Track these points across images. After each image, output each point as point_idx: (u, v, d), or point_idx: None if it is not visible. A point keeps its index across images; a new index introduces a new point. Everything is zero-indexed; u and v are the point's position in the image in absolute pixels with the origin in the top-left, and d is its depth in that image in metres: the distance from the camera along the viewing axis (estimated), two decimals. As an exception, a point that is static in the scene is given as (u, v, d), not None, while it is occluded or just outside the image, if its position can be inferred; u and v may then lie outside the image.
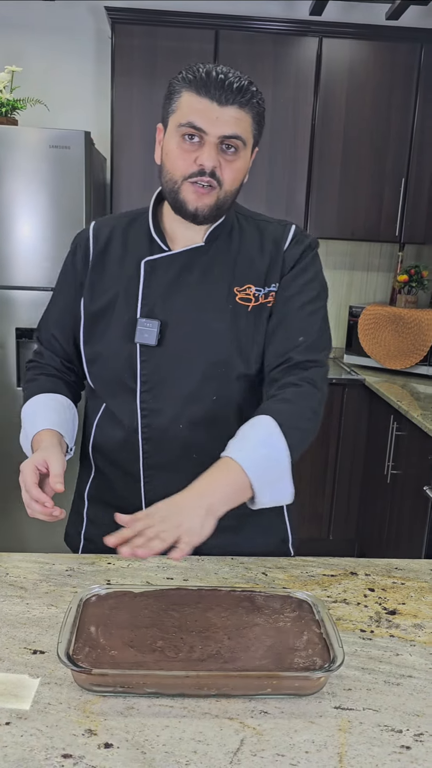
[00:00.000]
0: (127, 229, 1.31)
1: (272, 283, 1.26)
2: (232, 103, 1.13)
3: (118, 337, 1.26)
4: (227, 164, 1.17)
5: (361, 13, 3.42)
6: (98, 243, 1.31)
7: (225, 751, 0.78)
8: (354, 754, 0.79)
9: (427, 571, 1.25)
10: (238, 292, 1.25)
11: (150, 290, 1.25)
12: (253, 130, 1.19)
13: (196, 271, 1.25)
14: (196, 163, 1.15)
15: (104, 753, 0.77)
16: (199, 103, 1.13)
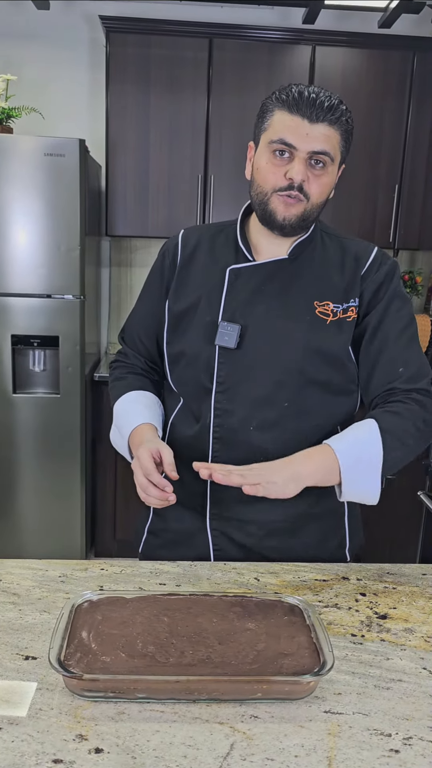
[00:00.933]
0: (215, 238, 1.37)
1: (351, 298, 1.31)
2: (322, 120, 1.19)
3: (198, 338, 1.31)
4: (315, 178, 1.22)
5: (353, 21, 3.45)
6: (186, 249, 1.38)
7: (215, 756, 0.78)
8: (343, 758, 0.79)
9: (419, 576, 1.26)
10: (317, 306, 1.29)
11: (232, 296, 1.30)
12: (341, 147, 1.24)
13: (278, 282, 1.30)
14: (286, 177, 1.21)
15: (95, 758, 0.77)
16: (291, 121, 1.19)
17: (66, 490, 3.12)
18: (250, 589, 1.18)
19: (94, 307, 3.43)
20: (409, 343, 1.31)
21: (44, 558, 1.26)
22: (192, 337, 1.32)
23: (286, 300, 1.29)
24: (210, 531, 1.35)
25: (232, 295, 1.30)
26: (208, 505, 1.34)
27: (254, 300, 1.29)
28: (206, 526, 1.35)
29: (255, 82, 3.22)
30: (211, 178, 3.30)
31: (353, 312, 1.30)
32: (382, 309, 1.30)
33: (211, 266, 1.34)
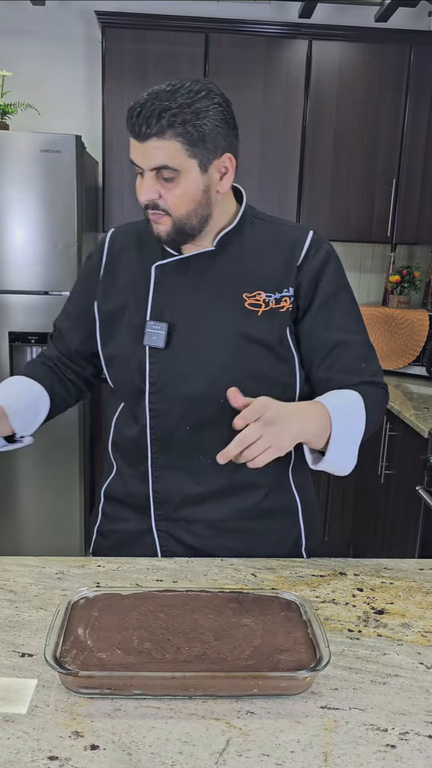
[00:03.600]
0: (142, 235, 1.35)
1: (285, 288, 1.26)
2: (149, 138, 1.13)
3: (128, 339, 1.29)
4: (167, 192, 1.18)
5: (350, 15, 3.43)
6: (113, 248, 1.36)
7: (211, 752, 0.78)
8: (339, 753, 0.79)
9: (416, 571, 1.26)
10: (247, 298, 1.25)
11: (159, 294, 1.28)
12: (186, 152, 1.14)
13: (205, 276, 1.27)
14: None
15: (90, 755, 0.77)
16: (132, 140, 1.17)
17: (64, 488, 3.12)
18: (246, 585, 1.17)
19: (91, 304, 3.42)
20: (364, 336, 1.31)
21: (43, 556, 1.26)
22: (122, 339, 1.30)
23: (215, 293, 1.26)
24: (156, 532, 1.33)
25: (159, 292, 1.27)
26: (152, 507, 1.32)
27: (181, 296, 1.26)
28: (152, 527, 1.33)
29: (252, 77, 3.21)
30: (208, 174, 3.29)
31: (287, 302, 1.26)
32: (332, 303, 1.27)
33: (140, 264, 1.31)
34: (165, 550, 1.33)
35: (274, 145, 3.30)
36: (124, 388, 1.33)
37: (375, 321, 3.41)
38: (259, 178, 3.31)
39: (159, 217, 1.20)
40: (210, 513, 1.30)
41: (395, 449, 2.85)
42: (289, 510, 1.36)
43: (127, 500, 1.36)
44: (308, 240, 1.28)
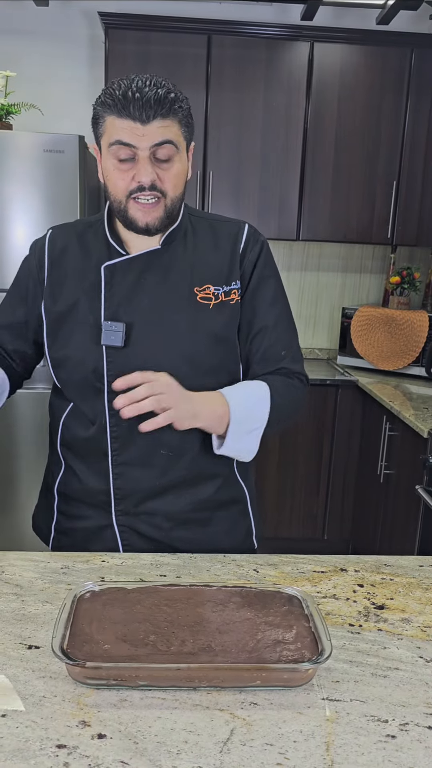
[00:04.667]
0: (83, 235, 1.35)
1: (232, 281, 1.31)
2: (154, 118, 1.16)
3: (83, 340, 1.30)
4: (165, 173, 1.20)
5: (351, 17, 3.45)
6: (54, 249, 1.35)
7: (215, 741, 0.80)
8: (341, 743, 0.81)
9: (416, 567, 1.28)
10: (198, 292, 1.29)
11: (112, 293, 1.29)
12: (183, 132, 1.21)
13: (155, 274, 1.29)
14: (135, 180, 1.19)
15: (97, 743, 0.79)
16: (123, 124, 1.17)
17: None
18: (249, 580, 1.19)
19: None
20: (287, 324, 1.37)
21: (44, 551, 1.28)
22: (77, 340, 1.30)
23: (167, 290, 1.29)
24: (117, 527, 1.35)
25: (111, 292, 1.29)
26: (113, 503, 1.34)
27: (134, 295, 1.28)
28: (113, 522, 1.35)
29: (253, 78, 3.23)
30: (210, 174, 3.31)
31: (236, 295, 1.31)
32: (260, 292, 1.33)
33: (85, 265, 1.32)
34: (126, 544, 1.35)
35: (275, 146, 3.32)
36: (77, 389, 1.33)
37: (375, 322, 3.42)
38: (260, 179, 3.33)
39: (154, 204, 1.21)
40: (169, 506, 1.34)
41: (395, 449, 2.87)
42: (241, 500, 1.43)
43: (85, 498, 1.37)
44: (245, 233, 1.34)
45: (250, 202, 3.34)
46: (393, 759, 0.79)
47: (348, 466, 3.40)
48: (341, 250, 3.81)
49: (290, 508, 3.42)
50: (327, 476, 3.40)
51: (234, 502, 1.41)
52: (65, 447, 1.39)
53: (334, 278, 3.85)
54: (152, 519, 1.34)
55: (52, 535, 1.45)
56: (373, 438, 3.13)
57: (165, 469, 1.32)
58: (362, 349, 3.46)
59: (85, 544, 1.37)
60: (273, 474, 3.36)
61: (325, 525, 3.45)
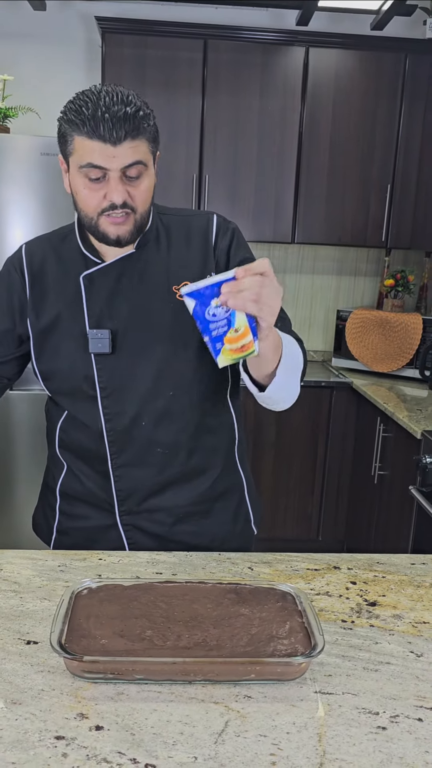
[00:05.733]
0: (59, 247, 1.36)
1: (208, 272, 1.33)
2: (124, 140, 1.16)
3: (71, 351, 1.32)
4: (135, 190, 1.21)
5: (346, 23, 3.49)
6: (32, 264, 1.36)
7: (210, 733, 0.82)
8: (332, 735, 0.83)
9: (408, 565, 1.30)
10: (176, 290, 1.31)
11: (93, 302, 1.31)
12: (151, 148, 1.22)
13: (133, 277, 1.31)
14: (106, 199, 1.19)
15: (95, 735, 0.81)
16: (93, 145, 1.16)
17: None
18: (244, 577, 1.21)
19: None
20: None
21: (42, 549, 1.29)
22: (64, 351, 1.32)
23: (146, 292, 1.31)
24: (122, 526, 1.38)
25: (91, 301, 1.31)
26: (116, 504, 1.37)
27: (115, 300, 1.30)
28: (117, 521, 1.38)
29: (249, 82, 3.26)
30: (206, 178, 3.33)
31: None
32: None
33: (64, 276, 1.33)
34: (131, 542, 1.38)
35: (270, 149, 3.34)
36: (70, 398, 1.35)
37: (369, 324, 3.45)
38: (255, 182, 3.36)
39: (125, 218, 1.22)
40: (170, 501, 1.37)
41: (389, 450, 2.90)
42: (238, 488, 1.46)
43: (87, 498, 1.40)
44: (215, 223, 1.36)
45: (246, 205, 3.36)
46: (383, 749, 0.81)
47: (342, 467, 3.42)
48: (336, 253, 3.84)
49: (285, 508, 3.44)
50: (322, 477, 3.42)
51: (231, 492, 1.45)
52: (64, 450, 1.41)
53: (329, 281, 3.88)
54: (154, 516, 1.37)
55: (53, 535, 1.47)
56: (368, 439, 3.15)
57: (162, 467, 1.35)
58: (357, 351, 3.49)
59: (89, 543, 1.39)
60: (268, 475, 3.39)
61: (319, 525, 3.47)
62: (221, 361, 1.03)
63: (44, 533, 1.50)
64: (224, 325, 1.01)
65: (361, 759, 0.79)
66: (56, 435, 1.41)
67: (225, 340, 1.02)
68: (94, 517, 1.39)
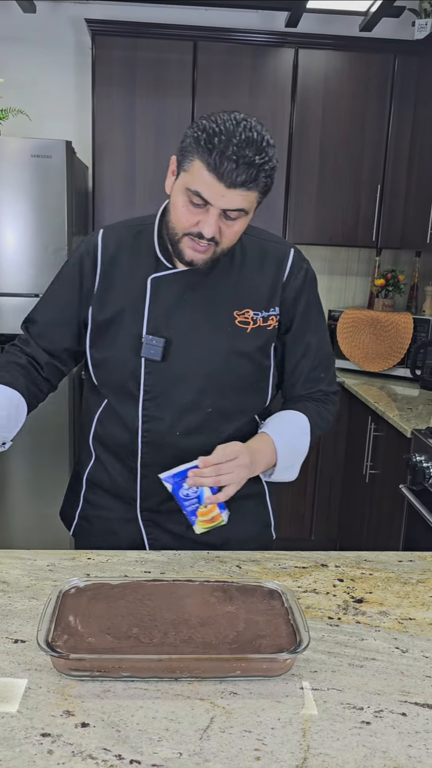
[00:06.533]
0: (135, 241, 1.36)
1: (272, 307, 1.35)
2: (239, 186, 1.15)
3: (124, 349, 1.34)
4: (227, 229, 1.22)
5: (336, 24, 3.50)
6: (107, 252, 1.36)
7: (195, 729, 0.83)
8: (317, 729, 0.84)
9: (395, 563, 1.31)
10: (237, 316, 1.33)
11: (155, 306, 1.32)
12: (259, 198, 1.22)
13: (198, 292, 1.32)
14: (198, 227, 1.20)
15: (81, 731, 0.81)
16: (209, 178, 1.15)
17: (54, 485, 3.15)
18: (231, 576, 1.22)
19: (81, 307, 3.46)
20: (327, 349, 1.46)
21: (32, 549, 1.30)
22: (118, 348, 1.34)
23: (208, 311, 1.32)
24: (142, 521, 1.41)
25: (154, 305, 1.32)
26: (139, 499, 1.39)
27: (177, 311, 1.32)
28: (137, 516, 1.40)
29: (239, 84, 3.27)
30: (197, 179, 3.34)
31: (274, 321, 1.36)
32: (304, 318, 1.39)
33: (133, 273, 1.34)
34: (151, 538, 1.41)
35: (261, 151, 3.35)
36: (113, 391, 1.37)
37: (361, 324, 3.46)
38: (246, 184, 3.36)
39: (206, 248, 1.22)
40: None
41: (380, 449, 2.91)
42: (259, 494, 1.49)
43: (112, 490, 1.42)
44: (291, 258, 1.37)
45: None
46: (367, 744, 0.82)
47: (334, 467, 3.43)
48: (327, 253, 3.85)
49: (278, 508, 3.44)
50: (314, 476, 3.44)
51: (252, 497, 1.46)
52: (97, 441, 1.43)
53: (319, 281, 3.86)
54: (176, 515, 1.37)
55: (75, 521, 1.50)
56: (359, 438, 3.16)
57: None
58: (348, 350, 3.50)
59: (108, 533, 1.43)
60: (261, 475, 3.39)
61: (312, 525, 3.48)
62: (197, 529, 1.24)
63: (68, 519, 1.53)
64: (195, 502, 1.23)
65: (345, 753, 0.80)
66: (92, 425, 1.43)
67: (198, 514, 1.23)
68: (116, 508, 1.42)
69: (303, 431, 1.38)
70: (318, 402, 1.44)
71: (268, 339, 1.36)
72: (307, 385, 1.44)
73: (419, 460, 2.34)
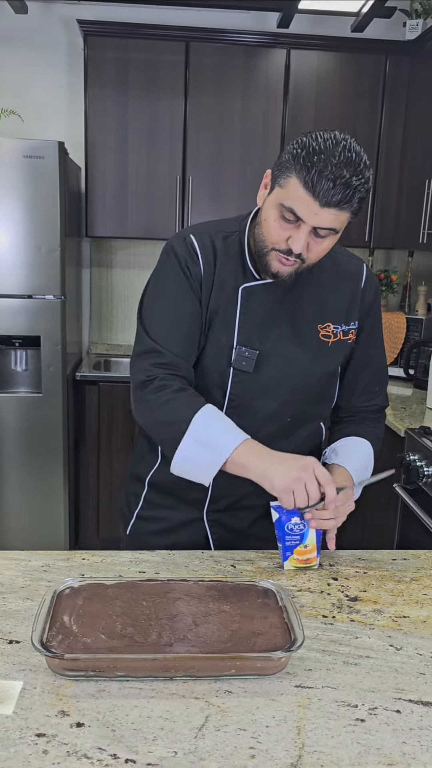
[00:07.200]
0: (224, 247, 1.35)
1: (351, 321, 1.39)
2: (333, 206, 1.16)
3: (215, 356, 1.34)
4: (316, 245, 1.23)
5: (327, 25, 3.51)
6: (206, 258, 1.33)
7: (190, 727, 0.83)
8: (311, 727, 0.84)
9: (389, 561, 1.32)
10: (320, 329, 1.37)
11: (247, 318, 1.33)
12: (350, 218, 1.22)
13: (285, 305, 1.35)
14: (287, 243, 1.22)
15: (76, 731, 0.81)
16: (304, 195, 1.16)
17: (49, 488, 3.15)
18: (226, 575, 1.22)
19: (75, 307, 3.46)
20: (384, 363, 1.51)
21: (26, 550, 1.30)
22: (208, 355, 1.35)
23: (295, 325, 1.35)
24: (207, 521, 1.43)
25: (246, 316, 1.33)
26: (208, 502, 1.42)
27: (267, 324, 1.34)
28: (203, 516, 1.43)
29: (231, 84, 3.27)
30: (189, 179, 3.34)
31: (353, 334, 1.40)
32: (370, 331, 1.43)
33: (224, 279, 1.33)
34: (215, 537, 1.43)
35: (253, 151, 3.36)
36: None
37: (354, 324, 3.47)
38: (239, 184, 3.37)
39: (293, 263, 1.24)
40: (253, 500, 1.38)
41: (374, 449, 2.91)
42: None
43: (178, 492, 1.42)
44: (364, 274, 1.42)
45: (230, 206, 3.37)
46: (361, 741, 0.82)
47: (329, 467, 3.43)
48: (320, 253, 3.85)
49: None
50: (308, 477, 3.43)
51: None
52: None
53: (313, 281, 3.89)
54: (237, 512, 1.42)
55: (132, 520, 1.51)
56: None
57: None
58: (342, 350, 3.51)
59: (168, 533, 1.44)
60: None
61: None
62: (287, 566, 1.25)
63: (125, 518, 1.54)
64: (297, 539, 1.23)
65: (340, 751, 0.80)
66: None
67: (295, 552, 1.24)
68: (181, 509, 1.44)
69: (370, 461, 1.44)
70: (374, 422, 1.49)
71: (347, 351, 1.41)
72: (363, 398, 1.48)
73: (413, 459, 2.35)
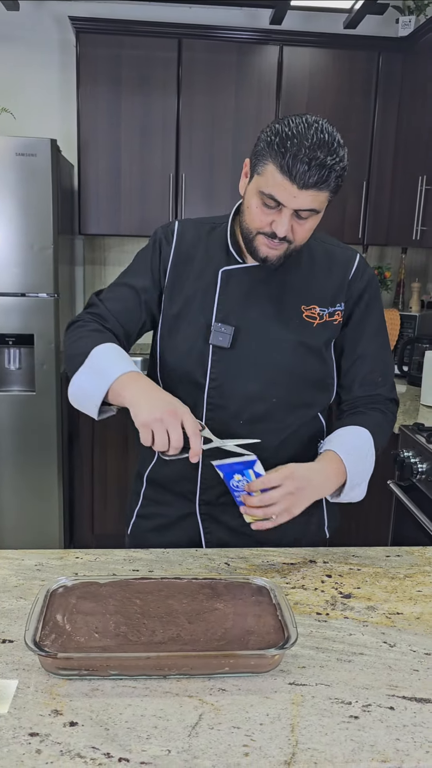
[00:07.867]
0: (208, 237, 1.41)
1: (338, 303, 1.39)
2: (311, 187, 1.19)
3: (193, 337, 1.36)
4: (299, 227, 1.25)
5: (320, 21, 3.50)
6: (183, 242, 1.40)
7: (184, 726, 0.83)
8: (305, 725, 0.84)
9: (383, 558, 1.32)
10: (304, 310, 1.37)
11: (225, 298, 1.35)
12: (330, 197, 1.25)
13: (268, 286, 1.36)
14: (271, 227, 1.24)
15: (69, 730, 0.81)
16: (282, 180, 1.19)
17: (43, 486, 3.14)
18: (220, 573, 1.22)
19: (68, 305, 3.45)
20: (387, 354, 1.48)
21: (20, 549, 1.29)
22: (186, 336, 1.36)
23: (277, 303, 1.36)
24: (200, 515, 1.42)
25: (224, 296, 1.35)
26: (198, 492, 1.41)
27: (246, 303, 1.35)
28: (195, 510, 1.42)
29: (224, 81, 3.27)
30: (182, 177, 3.33)
31: (339, 316, 1.39)
32: (361, 319, 1.42)
33: (205, 266, 1.38)
34: (208, 532, 1.42)
35: (246, 148, 3.35)
36: (179, 379, 1.38)
37: (348, 321, 3.47)
38: (232, 181, 3.36)
39: (278, 245, 1.26)
40: None
41: (368, 446, 2.91)
42: None
43: (171, 485, 1.44)
44: (357, 261, 1.42)
45: (223, 203, 3.37)
46: (355, 738, 0.82)
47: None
48: (314, 250, 3.85)
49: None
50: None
51: None
52: None
53: (307, 278, 3.89)
54: (232, 508, 1.38)
55: (132, 519, 1.52)
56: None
57: None
58: (336, 347, 3.51)
59: (166, 530, 1.44)
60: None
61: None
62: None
63: (127, 518, 1.55)
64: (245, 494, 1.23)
65: (333, 748, 0.81)
66: None
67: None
68: (175, 504, 1.44)
69: (369, 449, 1.38)
70: (377, 412, 1.44)
71: (333, 332, 1.40)
72: (365, 388, 1.46)
73: (407, 455, 2.35)
